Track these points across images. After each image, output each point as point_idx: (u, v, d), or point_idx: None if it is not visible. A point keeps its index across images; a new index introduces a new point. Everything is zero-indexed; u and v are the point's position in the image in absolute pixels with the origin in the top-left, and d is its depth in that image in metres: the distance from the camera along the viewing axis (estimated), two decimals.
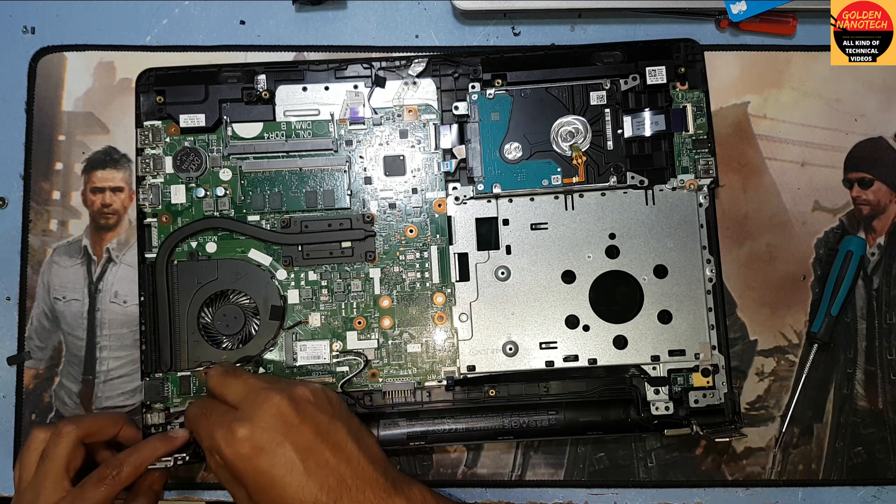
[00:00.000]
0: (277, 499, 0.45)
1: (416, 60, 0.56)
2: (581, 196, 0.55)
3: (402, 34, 0.60)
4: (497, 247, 0.55)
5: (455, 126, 0.56)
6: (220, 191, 0.55)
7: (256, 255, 0.55)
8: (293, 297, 0.55)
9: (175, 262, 0.55)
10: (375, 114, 0.56)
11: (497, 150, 0.55)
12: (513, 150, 0.55)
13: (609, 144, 0.55)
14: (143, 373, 0.54)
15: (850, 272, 0.58)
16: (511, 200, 0.55)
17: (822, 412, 0.59)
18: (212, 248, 0.55)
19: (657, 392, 0.54)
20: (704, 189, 0.55)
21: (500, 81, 0.56)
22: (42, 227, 0.59)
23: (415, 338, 0.55)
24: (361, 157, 0.56)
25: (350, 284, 0.55)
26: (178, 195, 0.55)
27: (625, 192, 0.55)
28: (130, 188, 0.59)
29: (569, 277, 0.55)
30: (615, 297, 0.55)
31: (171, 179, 0.55)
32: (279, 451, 0.45)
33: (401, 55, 0.57)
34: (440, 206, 0.56)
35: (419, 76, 0.56)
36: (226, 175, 0.55)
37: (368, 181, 0.56)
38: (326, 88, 0.56)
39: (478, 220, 0.55)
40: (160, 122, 0.56)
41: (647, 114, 0.55)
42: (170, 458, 0.50)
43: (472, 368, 0.54)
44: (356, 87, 0.56)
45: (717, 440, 0.55)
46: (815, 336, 0.58)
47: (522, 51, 0.58)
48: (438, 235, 0.56)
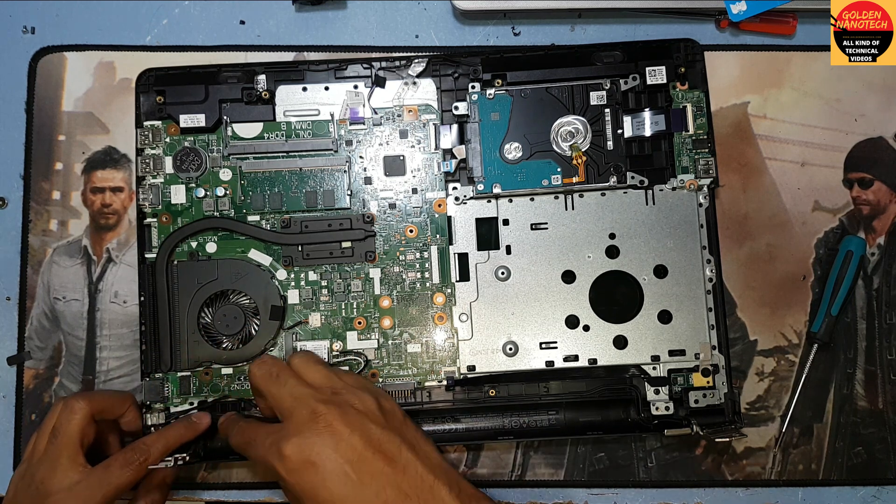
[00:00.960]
0: None
1: (416, 60, 0.56)
2: (581, 196, 0.55)
3: (402, 34, 0.60)
4: (497, 247, 0.55)
5: (455, 126, 0.56)
6: (220, 191, 0.55)
7: (256, 256, 0.55)
8: (293, 298, 0.55)
9: (175, 262, 0.55)
10: (375, 114, 0.56)
11: (497, 150, 0.55)
12: (513, 150, 0.55)
13: (609, 144, 0.55)
14: (143, 373, 0.54)
15: (850, 272, 0.58)
16: (511, 200, 0.55)
17: (822, 412, 0.59)
18: (212, 248, 0.55)
19: (657, 392, 0.54)
20: (704, 189, 0.55)
21: (500, 81, 0.56)
22: (42, 227, 0.59)
23: (415, 338, 0.55)
24: (361, 157, 0.56)
25: (350, 284, 0.55)
26: (178, 195, 0.55)
27: (625, 192, 0.55)
28: (130, 188, 0.59)
29: (569, 277, 0.55)
30: (615, 297, 0.55)
31: (171, 179, 0.55)
32: (330, 465, 0.44)
33: (401, 55, 0.57)
34: (440, 206, 0.56)
35: (419, 76, 0.56)
36: (226, 175, 0.55)
37: (368, 181, 0.56)
38: (326, 88, 0.56)
39: (478, 220, 0.55)
40: (160, 122, 0.56)
41: (647, 114, 0.55)
42: (170, 458, 0.50)
43: (473, 368, 0.54)
44: (356, 87, 0.56)
45: (717, 440, 0.55)
46: (815, 336, 0.58)
47: (522, 51, 0.58)
48: (438, 235, 0.56)
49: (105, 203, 0.59)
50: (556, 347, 0.54)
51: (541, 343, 0.54)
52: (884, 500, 0.58)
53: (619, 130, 0.55)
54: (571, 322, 0.54)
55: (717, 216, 0.56)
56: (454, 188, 0.55)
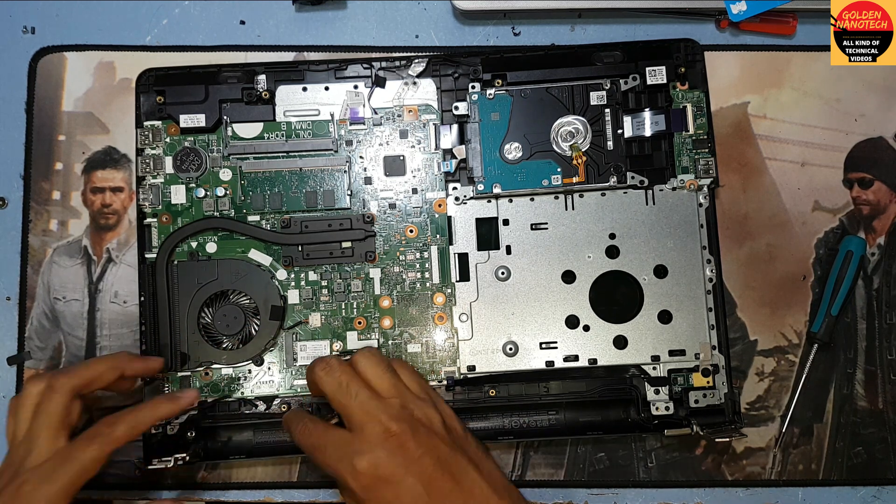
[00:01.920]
0: None
1: (416, 60, 0.56)
2: (581, 196, 0.55)
3: (402, 34, 0.60)
4: (497, 247, 0.55)
5: (455, 126, 0.56)
6: (220, 191, 0.55)
7: (256, 256, 0.55)
8: (293, 298, 0.55)
9: (175, 262, 0.55)
10: (375, 114, 0.56)
11: (497, 150, 0.55)
12: (513, 150, 0.55)
13: (609, 144, 0.55)
14: None
15: (850, 272, 0.58)
16: (511, 200, 0.55)
17: (822, 412, 0.59)
18: (212, 248, 0.55)
19: (657, 392, 0.54)
20: (704, 189, 0.55)
21: (500, 81, 0.56)
22: (42, 227, 0.59)
23: (415, 338, 0.55)
24: (361, 158, 0.56)
25: (350, 284, 0.55)
26: (178, 195, 0.55)
27: (625, 192, 0.55)
28: (130, 188, 0.59)
29: (569, 277, 0.55)
30: (615, 297, 0.55)
31: (171, 179, 0.55)
32: (403, 485, 0.44)
33: (401, 55, 0.57)
34: (440, 207, 0.56)
35: (419, 76, 0.56)
36: (226, 175, 0.55)
37: (368, 181, 0.56)
38: (326, 88, 0.56)
39: (478, 221, 0.55)
40: (160, 122, 0.56)
41: (647, 114, 0.55)
42: (169, 458, 0.50)
43: (473, 368, 0.54)
44: (356, 87, 0.56)
45: (717, 440, 0.55)
46: (815, 336, 0.58)
47: (522, 51, 0.58)
48: (438, 235, 0.56)
49: (105, 203, 0.59)
50: (556, 347, 0.54)
51: (541, 343, 0.54)
52: (884, 500, 0.58)
53: (619, 130, 0.55)
54: (571, 322, 0.54)
55: (717, 216, 0.56)
56: (454, 188, 0.55)
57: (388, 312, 0.55)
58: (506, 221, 0.55)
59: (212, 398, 0.54)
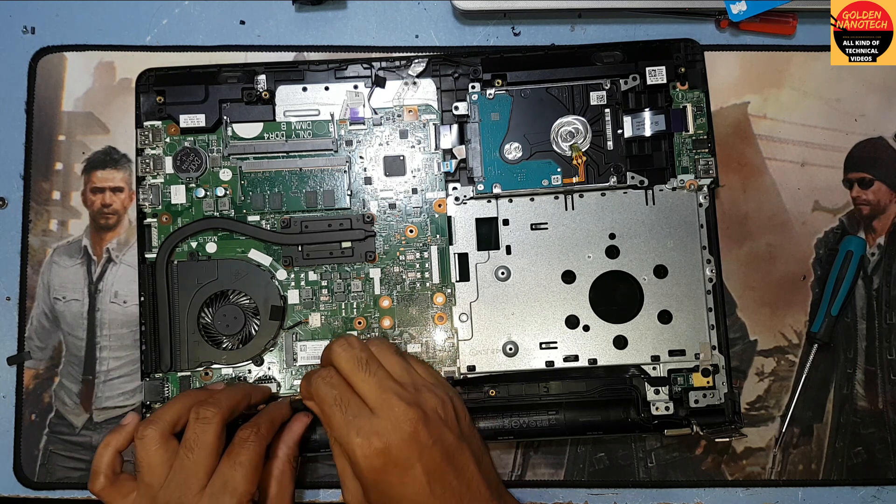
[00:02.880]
0: None
1: (416, 60, 0.56)
2: (581, 196, 0.55)
3: (402, 34, 0.60)
4: (497, 247, 0.55)
5: (455, 126, 0.56)
6: (220, 191, 0.55)
7: (256, 256, 0.55)
8: (293, 298, 0.55)
9: (175, 262, 0.55)
10: (375, 114, 0.56)
11: (497, 151, 0.55)
12: (513, 151, 0.55)
13: (609, 144, 0.55)
14: (143, 373, 0.54)
15: (850, 272, 0.58)
16: (511, 200, 0.55)
17: (822, 412, 0.59)
18: (212, 248, 0.55)
19: (657, 392, 0.54)
20: (704, 189, 0.55)
21: (500, 81, 0.56)
22: (42, 227, 0.59)
23: (415, 338, 0.55)
24: (361, 158, 0.56)
25: (350, 284, 0.55)
26: (178, 195, 0.55)
27: (625, 192, 0.55)
28: (130, 188, 0.59)
29: (569, 277, 0.55)
30: (615, 297, 0.55)
31: (171, 179, 0.55)
32: (411, 472, 0.45)
33: (401, 55, 0.57)
34: (440, 207, 0.56)
35: (419, 76, 0.56)
36: (226, 175, 0.55)
37: (368, 181, 0.56)
38: (326, 88, 0.56)
39: (478, 221, 0.55)
40: (160, 123, 0.56)
41: (647, 114, 0.55)
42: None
43: (472, 368, 0.54)
44: (356, 88, 0.56)
45: (717, 440, 0.55)
46: (815, 336, 0.58)
47: (522, 51, 0.58)
48: (438, 235, 0.56)
49: (105, 203, 0.59)
50: (556, 347, 0.54)
51: (541, 343, 0.54)
52: (884, 500, 0.58)
53: (619, 130, 0.55)
54: (571, 322, 0.54)
55: (717, 216, 0.56)
56: (454, 188, 0.55)
57: (388, 312, 0.55)
58: (506, 221, 0.55)
59: None
